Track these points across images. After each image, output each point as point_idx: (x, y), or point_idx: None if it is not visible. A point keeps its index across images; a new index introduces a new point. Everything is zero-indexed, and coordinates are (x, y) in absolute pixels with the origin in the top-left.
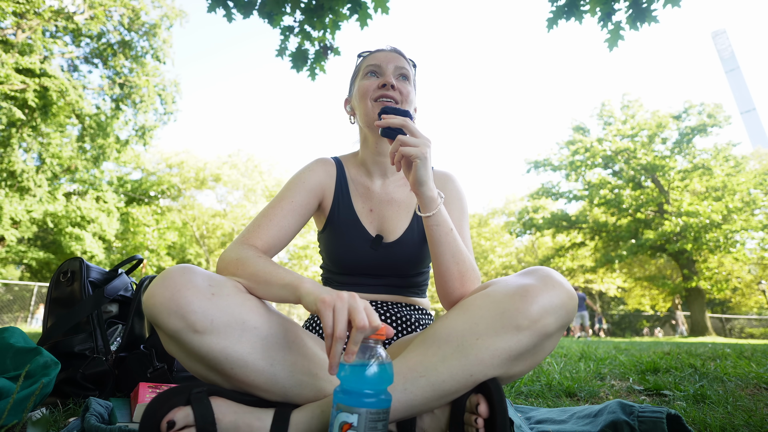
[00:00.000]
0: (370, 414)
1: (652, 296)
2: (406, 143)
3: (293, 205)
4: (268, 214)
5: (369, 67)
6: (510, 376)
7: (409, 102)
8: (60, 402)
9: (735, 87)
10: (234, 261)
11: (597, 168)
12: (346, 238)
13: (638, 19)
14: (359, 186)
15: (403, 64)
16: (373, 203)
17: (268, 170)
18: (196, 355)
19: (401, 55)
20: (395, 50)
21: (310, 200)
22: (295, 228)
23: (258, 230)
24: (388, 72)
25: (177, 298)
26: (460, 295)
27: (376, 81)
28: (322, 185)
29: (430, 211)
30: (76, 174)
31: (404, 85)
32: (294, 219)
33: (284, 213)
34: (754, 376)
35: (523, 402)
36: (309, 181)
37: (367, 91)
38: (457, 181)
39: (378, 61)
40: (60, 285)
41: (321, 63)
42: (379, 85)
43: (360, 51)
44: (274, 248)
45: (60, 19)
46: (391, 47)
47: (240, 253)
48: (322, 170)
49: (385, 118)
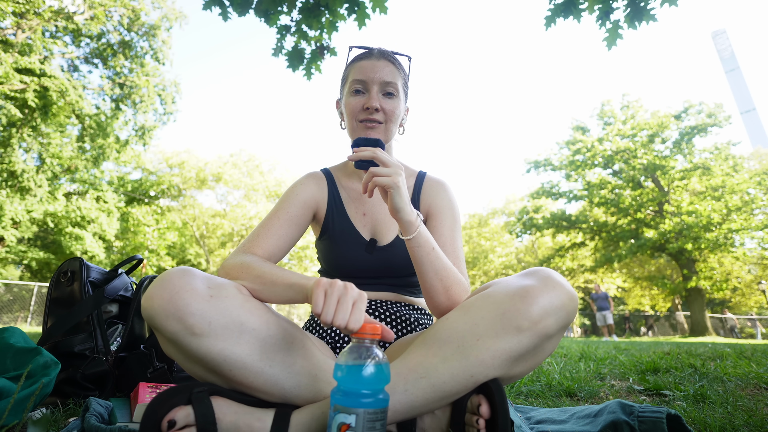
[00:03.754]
0: (368, 414)
1: (652, 296)
2: (379, 173)
3: (289, 215)
4: (266, 224)
5: (355, 82)
6: (511, 376)
7: (395, 116)
8: (60, 402)
9: (735, 87)
10: (238, 265)
11: (597, 168)
12: (342, 246)
13: (636, 18)
14: (351, 191)
15: (389, 77)
16: (366, 207)
17: (269, 170)
18: (195, 358)
19: (390, 60)
20: (383, 55)
21: (305, 212)
22: (292, 238)
23: (257, 239)
24: (373, 92)
25: (175, 300)
26: (446, 308)
27: (361, 100)
28: (314, 198)
29: (410, 235)
30: (76, 174)
31: (389, 102)
32: (291, 229)
33: (281, 223)
34: (754, 376)
35: (523, 402)
36: (302, 194)
37: (353, 111)
38: (449, 190)
39: (364, 75)
40: (60, 285)
41: (317, 63)
42: (364, 106)
43: (351, 44)
44: (274, 257)
45: (60, 19)
46: (378, 51)
47: (243, 258)
48: (313, 184)
49: (356, 151)
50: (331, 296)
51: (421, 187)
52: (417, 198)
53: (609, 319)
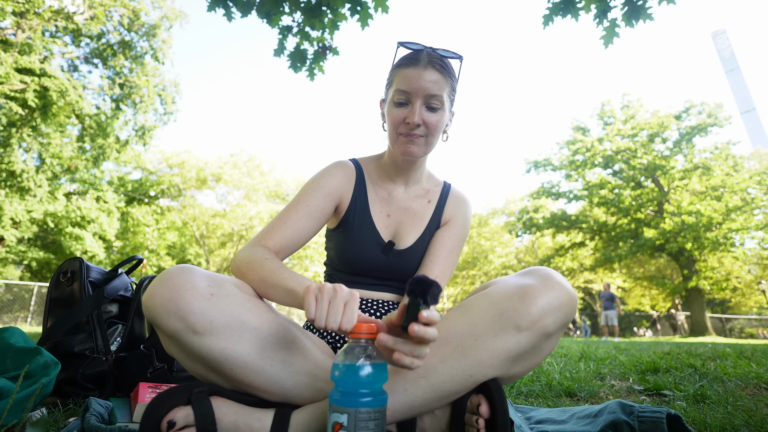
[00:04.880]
0: (360, 413)
1: (652, 296)
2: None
3: (308, 208)
4: (282, 216)
5: (399, 92)
6: (510, 376)
7: (438, 129)
8: (60, 402)
9: (735, 87)
10: (246, 263)
11: (597, 168)
12: (358, 242)
13: (633, 16)
14: (380, 190)
15: (434, 90)
16: (391, 209)
17: (270, 170)
18: (196, 356)
19: (438, 68)
20: (431, 62)
21: (327, 205)
22: (309, 231)
23: (272, 231)
24: (416, 106)
25: (176, 298)
26: None
27: (403, 113)
28: (340, 190)
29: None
30: (76, 174)
31: (431, 116)
32: (309, 222)
33: (299, 216)
34: (754, 376)
35: (523, 402)
36: (326, 185)
37: (395, 122)
38: (469, 209)
39: (408, 86)
40: (60, 285)
41: (320, 63)
42: (405, 121)
43: (401, 41)
44: (287, 249)
45: (60, 19)
46: (427, 56)
47: (251, 255)
48: (341, 174)
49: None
50: (322, 300)
51: (446, 199)
52: (441, 209)
53: (611, 320)
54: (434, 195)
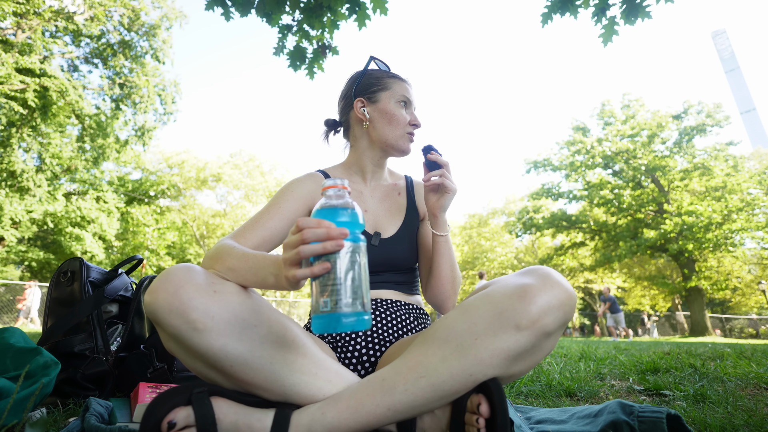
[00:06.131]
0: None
1: (652, 296)
2: (448, 178)
3: (281, 210)
4: (255, 218)
5: (402, 96)
6: (510, 375)
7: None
8: (60, 402)
9: (735, 87)
10: (213, 255)
11: (597, 168)
12: None
13: (632, 14)
14: (351, 190)
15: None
16: (367, 205)
17: (270, 170)
18: (196, 353)
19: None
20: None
21: (299, 207)
22: (282, 232)
23: (243, 231)
24: (415, 112)
25: (180, 293)
26: (448, 296)
27: (408, 115)
28: (312, 194)
29: (445, 232)
30: (76, 174)
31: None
32: (281, 223)
33: (271, 216)
34: (754, 376)
35: (523, 402)
36: (298, 189)
37: (402, 121)
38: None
39: (409, 95)
40: (60, 285)
41: (319, 62)
42: (410, 122)
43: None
44: (259, 249)
45: (60, 19)
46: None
47: (218, 248)
48: (311, 181)
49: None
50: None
51: (413, 189)
52: (413, 198)
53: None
54: (401, 188)
